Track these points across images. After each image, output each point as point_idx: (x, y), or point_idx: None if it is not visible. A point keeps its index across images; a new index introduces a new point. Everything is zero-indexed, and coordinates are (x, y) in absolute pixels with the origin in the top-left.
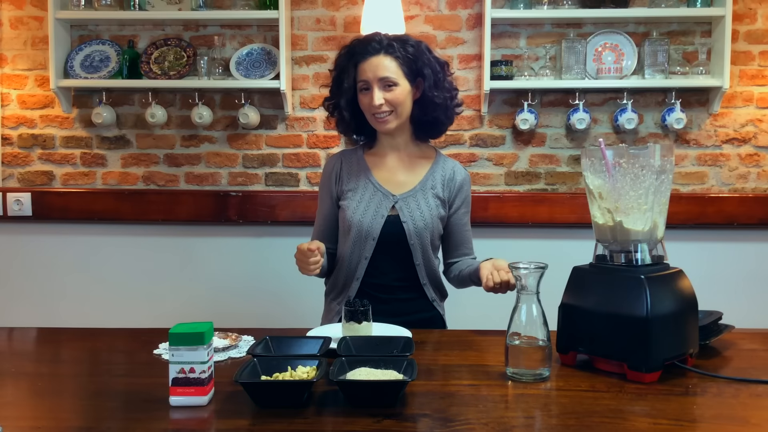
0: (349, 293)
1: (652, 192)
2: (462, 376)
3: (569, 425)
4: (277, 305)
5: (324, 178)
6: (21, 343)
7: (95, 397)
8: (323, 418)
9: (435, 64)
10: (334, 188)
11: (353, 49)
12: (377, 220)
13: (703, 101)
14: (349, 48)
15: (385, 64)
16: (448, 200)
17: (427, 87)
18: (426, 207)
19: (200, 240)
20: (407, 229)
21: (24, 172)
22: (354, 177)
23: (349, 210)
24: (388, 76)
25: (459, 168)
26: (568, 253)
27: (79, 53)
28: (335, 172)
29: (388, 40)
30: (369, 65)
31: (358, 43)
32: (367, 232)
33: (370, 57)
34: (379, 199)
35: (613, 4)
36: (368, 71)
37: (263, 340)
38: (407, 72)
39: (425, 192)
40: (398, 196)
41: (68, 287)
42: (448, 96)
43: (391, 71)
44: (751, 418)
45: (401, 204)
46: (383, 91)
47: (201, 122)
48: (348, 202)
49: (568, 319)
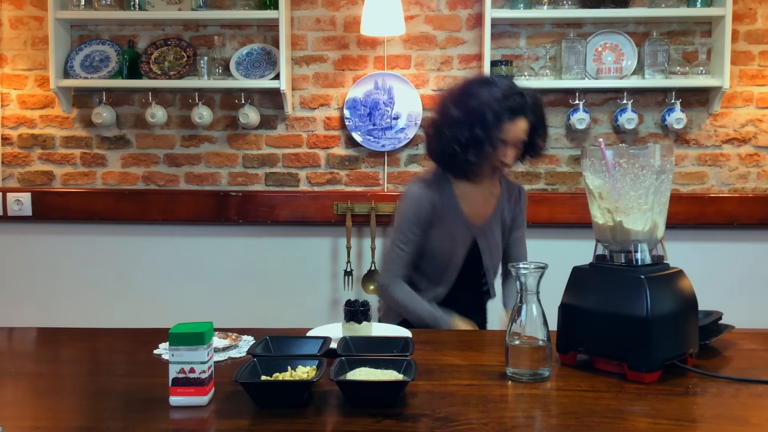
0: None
1: (652, 192)
2: (462, 376)
3: (569, 425)
4: (277, 305)
5: (418, 207)
6: (21, 343)
7: (95, 397)
8: (323, 418)
9: (546, 117)
10: (429, 218)
11: (503, 104)
12: (461, 251)
13: (703, 101)
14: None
15: (525, 128)
16: (511, 219)
17: (536, 137)
18: (499, 236)
19: (200, 240)
20: (484, 261)
21: (24, 172)
22: (444, 207)
23: (439, 242)
24: (524, 138)
25: (521, 188)
26: (568, 253)
27: (79, 53)
28: (432, 204)
29: (528, 99)
30: (514, 128)
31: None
32: (454, 264)
33: (517, 119)
34: (462, 231)
35: (613, 4)
36: (511, 132)
37: (263, 340)
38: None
39: (497, 221)
40: (477, 228)
41: (68, 287)
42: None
43: (526, 133)
44: (751, 418)
45: (480, 237)
46: (515, 151)
47: (201, 122)
48: (438, 232)
49: (568, 319)
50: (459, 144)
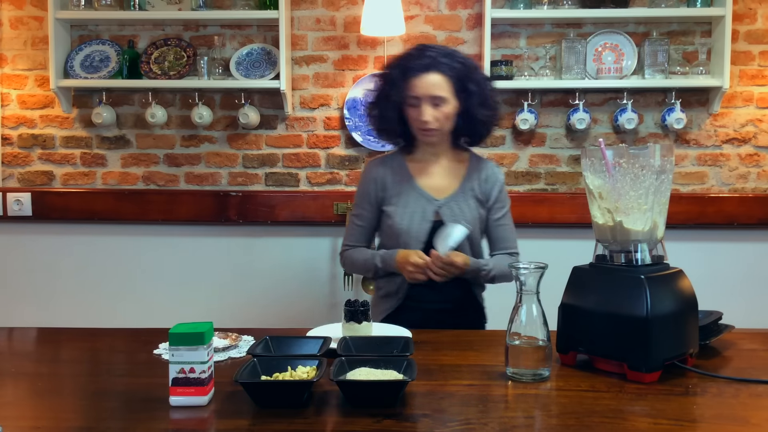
0: (399, 294)
1: (652, 192)
2: (462, 376)
3: (569, 425)
4: (277, 305)
5: (366, 183)
6: (21, 343)
7: (95, 397)
8: (323, 418)
9: (482, 82)
10: (378, 194)
11: (406, 64)
12: (424, 225)
13: (703, 101)
14: (401, 62)
15: (436, 82)
16: (485, 200)
17: (472, 104)
18: (468, 209)
19: (200, 240)
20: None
21: (24, 172)
22: (398, 183)
23: (396, 216)
24: (438, 94)
25: (493, 167)
26: (568, 253)
27: (79, 53)
28: (379, 178)
29: (440, 57)
30: (421, 82)
31: (411, 58)
32: (415, 238)
33: (422, 74)
34: (423, 205)
35: (613, 4)
36: (419, 88)
37: (263, 340)
38: (455, 89)
39: (465, 195)
40: (441, 201)
41: (68, 287)
42: (492, 114)
43: (442, 89)
44: (751, 418)
45: (444, 209)
46: (432, 108)
47: (201, 122)
48: (393, 208)
49: (568, 319)
50: (378, 108)
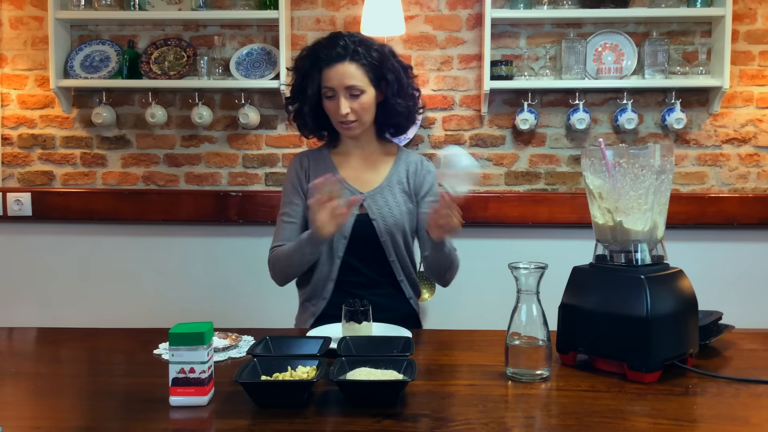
0: (324, 294)
1: (652, 192)
2: (462, 376)
3: (569, 425)
4: (276, 305)
5: (291, 177)
6: (21, 343)
7: (95, 397)
8: (323, 418)
9: (399, 70)
10: (303, 186)
11: (317, 54)
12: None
13: (703, 101)
14: (311, 52)
15: (351, 72)
16: (414, 193)
17: (390, 94)
18: (394, 203)
19: (200, 240)
20: (377, 227)
21: (24, 172)
22: (321, 175)
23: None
24: (354, 84)
25: (422, 160)
26: (568, 253)
27: (79, 53)
28: (303, 171)
29: (353, 46)
30: (335, 73)
31: (321, 47)
32: (338, 232)
33: (336, 64)
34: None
35: (613, 4)
36: (334, 79)
37: (263, 340)
38: (372, 78)
39: (392, 188)
40: (366, 194)
41: (68, 287)
42: (411, 104)
43: (357, 79)
44: (751, 418)
45: (369, 202)
46: (349, 100)
47: (201, 122)
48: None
49: (568, 319)
50: (298, 112)
